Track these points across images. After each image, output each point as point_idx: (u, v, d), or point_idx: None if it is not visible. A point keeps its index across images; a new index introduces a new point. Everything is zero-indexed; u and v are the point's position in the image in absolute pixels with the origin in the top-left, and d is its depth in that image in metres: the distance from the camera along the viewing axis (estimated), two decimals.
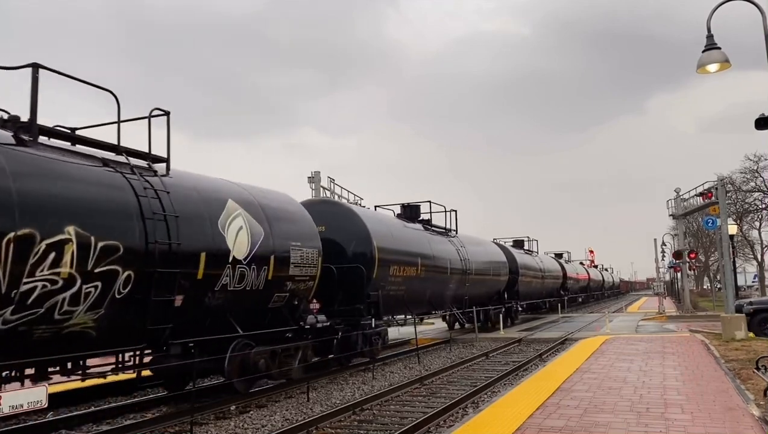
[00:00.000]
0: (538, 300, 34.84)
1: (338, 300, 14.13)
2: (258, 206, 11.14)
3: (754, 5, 10.39)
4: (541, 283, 34.22)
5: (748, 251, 57.40)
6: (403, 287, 16.09)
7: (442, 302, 19.98)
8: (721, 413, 7.61)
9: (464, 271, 20.56)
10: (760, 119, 11.26)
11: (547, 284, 36.09)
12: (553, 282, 38.42)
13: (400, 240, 16.43)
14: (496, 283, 25.17)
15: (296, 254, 11.59)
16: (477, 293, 22.60)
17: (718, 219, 27.09)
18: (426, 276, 17.41)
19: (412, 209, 19.61)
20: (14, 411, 6.08)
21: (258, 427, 8.95)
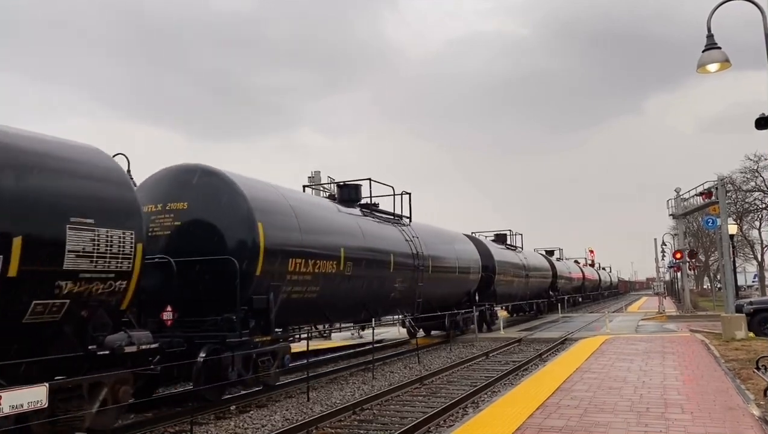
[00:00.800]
0: (521, 301, 31.50)
1: (202, 308, 10.20)
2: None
3: (754, 5, 10.39)
4: (524, 283, 30.65)
5: (748, 251, 57.39)
6: (315, 288, 12.13)
7: (384, 305, 16.15)
8: (722, 413, 7.61)
9: (416, 267, 16.94)
10: (761, 119, 11.26)
11: (532, 284, 32.51)
12: (541, 282, 34.91)
13: (312, 227, 12.39)
14: (464, 283, 21.66)
15: (81, 237, 7.28)
16: (436, 294, 19.12)
17: (718, 218, 27.07)
18: (355, 273, 13.57)
19: (350, 190, 16.03)
20: (14, 411, 6.08)
21: (258, 427, 8.95)
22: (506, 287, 27.29)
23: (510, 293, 28.49)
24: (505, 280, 26.80)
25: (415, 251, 16.98)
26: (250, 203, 10.52)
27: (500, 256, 26.51)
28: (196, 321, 10.14)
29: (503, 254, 27.73)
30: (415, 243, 17.17)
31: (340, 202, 15.48)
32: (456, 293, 21.24)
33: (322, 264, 12.29)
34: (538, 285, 34.09)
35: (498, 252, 26.67)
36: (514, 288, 28.86)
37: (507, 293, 27.85)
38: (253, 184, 11.38)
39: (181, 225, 10.54)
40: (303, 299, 11.92)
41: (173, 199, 10.69)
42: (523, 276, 30.19)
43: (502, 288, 26.57)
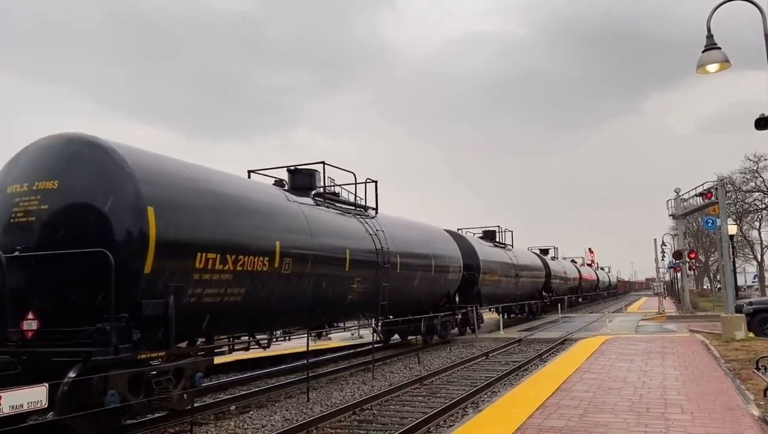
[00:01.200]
0: (511, 303, 29.41)
1: (75, 316, 7.82)
2: None
3: (754, 5, 10.40)
4: (514, 283, 28.49)
5: (748, 251, 57.47)
6: (238, 289, 9.62)
7: (340, 309, 13.74)
8: (721, 413, 7.61)
9: (381, 265, 14.54)
10: (760, 119, 11.27)
11: (524, 284, 30.40)
12: (533, 282, 32.75)
13: (238, 216, 9.91)
14: (442, 283, 19.18)
15: None
16: (407, 295, 16.78)
17: (718, 219, 27.11)
18: (297, 271, 11.14)
19: (303, 176, 13.82)
20: (14, 411, 6.07)
21: (258, 427, 8.95)
22: (493, 287, 25.09)
23: (497, 294, 26.33)
24: (491, 280, 24.56)
25: (380, 246, 14.64)
26: (139, 183, 8.17)
27: (486, 254, 24.33)
28: (68, 333, 7.71)
29: (489, 252, 25.54)
30: (380, 237, 14.86)
31: (292, 189, 13.27)
32: (432, 294, 18.86)
33: (247, 260, 9.76)
34: (530, 285, 31.94)
35: (483, 249, 24.56)
36: (501, 288, 26.58)
37: (494, 294, 25.66)
38: (149, 162, 8.90)
39: (50, 210, 8.14)
40: (221, 303, 9.39)
41: (42, 176, 8.30)
42: (512, 275, 27.97)
43: (488, 289, 24.43)
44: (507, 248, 29.55)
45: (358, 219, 14.76)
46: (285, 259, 10.79)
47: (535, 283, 33.13)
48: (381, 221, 15.82)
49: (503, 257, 27.44)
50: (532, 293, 32.98)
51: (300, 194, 12.95)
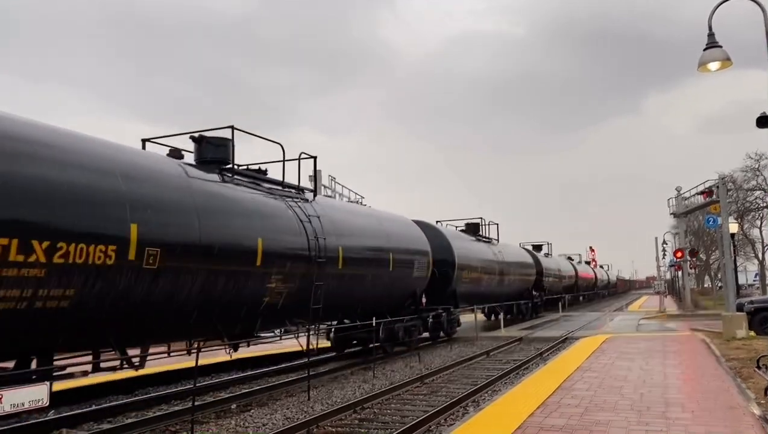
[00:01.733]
0: (495, 303, 26.85)
1: None
2: None
3: (755, 3, 10.39)
4: (498, 281, 25.70)
5: (749, 250, 57.33)
6: (61, 291, 7.05)
7: (253, 314, 10.77)
8: (722, 412, 7.61)
9: (313, 258, 11.77)
10: (762, 117, 11.27)
11: (511, 283, 27.75)
12: (522, 280, 29.95)
13: (59, 190, 7.12)
14: (406, 281, 16.44)
15: None
16: (355, 296, 14.05)
17: (719, 217, 27.05)
18: (172, 265, 8.52)
19: (213, 147, 11.09)
20: (15, 410, 6.08)
21: (259, 426, 8.96)
22: (472, 286, 22.26)
23: (478, 293, 23.37)
24: (469, 278, 21.76)
25: (314, 236, 11.87)
26: None
27: (464, 249, 21.65)
28: None
29: (469, 247, 22.80)
30: (315, 224, 12.07)
31: (199, 163, 10.84)
32: (391, 295, 15.91)
33: (75, 251, 7.10)
34: (518, 284, 29.26)
35: (461, 244, 21.88)
36: (483, 287, 23.69)
37: (473, 293, 22.69)
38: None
39: None
40: (28, 311, 6.77)
41: None
42: (496, 273, 25.22)
43: (466, 288, 21.62)
44: (492, 243, 26.80)
45: (285, 201, 11.83)
46: (148, 251, 8.03)
47: (524, 281, 30.44)
48: (319, 206, 12.99)
49: (486, 253, 24.63)
50: (521, 292, 30.39)
51: (207, 169, 10.53)
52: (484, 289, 24.15)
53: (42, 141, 7.33)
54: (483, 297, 24.68)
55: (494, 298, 26.22)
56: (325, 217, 12.82)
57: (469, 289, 22.12)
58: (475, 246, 23.97)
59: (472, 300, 23.14)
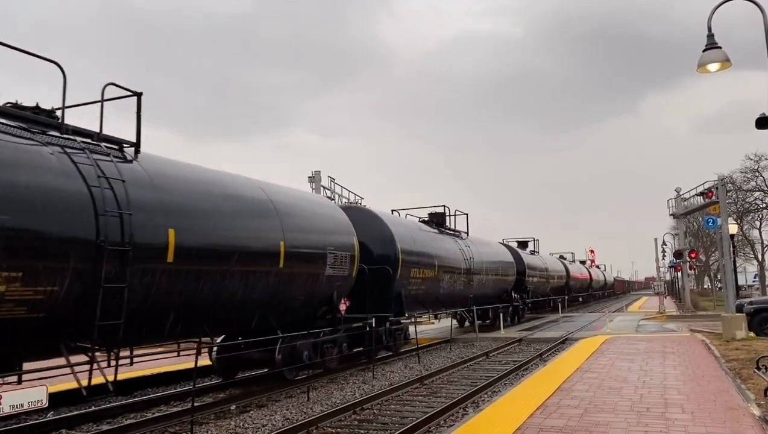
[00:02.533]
0: (461, 308, 22.75)
1: None
2: None
3: (754, 4, 10.39)
4: (465, 282, 21.39)
5: (749, 250, 57.43)
6: None
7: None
8: (722, 413, 7.61)
9: (104, 247, 7.50)
10: (761, 118, 11.27)
11: (484, 283, 23.63)
12: (499, 281, 25.82)
13: None
14: (310, 283, 12.16)
15: None
16: (195, 305, 9.27)
17: (718, 218, 27.09)
18: None
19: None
20: (14, 411, 6.07)
21: (258, 427, 8.95)
22: (426, 288, 18.19)
23: (435, 297, 19.21)
24: (421, 278, 17.69)
25: (110, 213, 7.66)
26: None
27: (412, 242, 17.36)
28: None
29: (422, 239, 18.48)
30: (119, 192, 7.89)
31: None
32: (285, 302, 11.59)
33: None
34: (493, 285, 25.13)
35: (409, 234, 17.59)
36: (443, 289, 19.53)
37: (428, 297, 18.72)
38: None
39: None
40: None
41: None
42: (461, 271, 20.97)
43: (417, 290, 17.56)
44: (460, 236, 22.64)
45: (64, 153, 7.56)
46: None
47: (501, 282, 26.31)
48: (140, 166, 8.71)
49: (449, 248, 20.38)
50: (499, 295, 26.29)
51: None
52: (445, 292, 19.77)
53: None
54: (443, 302, 20.21)
55: (461, 302, 21.78)
56: (143, 181, 8.51)
57: (421, 292, 17.94)
58: (432, 239, 19.55)
59: (427, 305, 19.15)
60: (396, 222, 17.68)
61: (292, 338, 11.95)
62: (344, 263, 13.42)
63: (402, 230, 17.34)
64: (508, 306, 27.14)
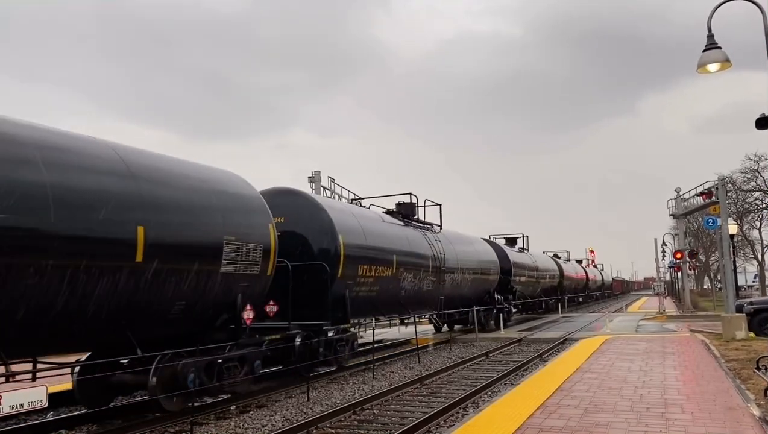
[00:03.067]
0: (431, 311, 19.54)
1: None
2: None
3: (754, 4, 10.39)
4: (434, 282, 18.39)
5: (749, 251, 57.44)
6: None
7: None
8: (722, 413, 7.61)
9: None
10: (761, 119, 11.26)
11: (459, 284, 20.78)
12: (478, 281, 22.95)
13: None
14: (190, 286, 9.08)
15: None
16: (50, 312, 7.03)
17: (718, 218, 27.09)
18: None
19: None
20: (14, 411, 6.07)
21: (258, 427, 8.95)
22: (381, 289, 15.16)
23: (394, 299, 16.22)
24: (372, 277, 14.59)
25: None
26: None
27: (356, 234, 14.11)
28: None
29: (373, 231, 15.18)
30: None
31: None
32: (153, 309, 8.63)
33: None
34: (471, 285, 22.11)
35: (354, 225, 14.37)
36: (404, 290, 16.55)
37: (385, 300, 15.65)
38: None
39: None
40: None
41: None
42: (429, 270, 17.95)
43: (367, 291, 14.58)
44: (432, 230, 19.96)
45: None
46: None
47: (481, 282, 23.40)
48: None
49: (414, 243, 17.49)
50: (479, 296, 23.42)
51: None
52: (408, 293, 16.78)
53: None
54: (406, 304, 17.15)
55: (430, 304, 18.86)
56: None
57: (375, 293, 14.97)
58: (392, 232, 16.53)
59: (383, 309, 16.11)
60: (340, 210, 14.67)
61: (174, 356, 9.00)
62: (253, 257, 10.23)
63: (348, 219, 14.31)
64: (490, 308, 24.38)
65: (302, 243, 13.24)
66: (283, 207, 13.03)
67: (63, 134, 8.02)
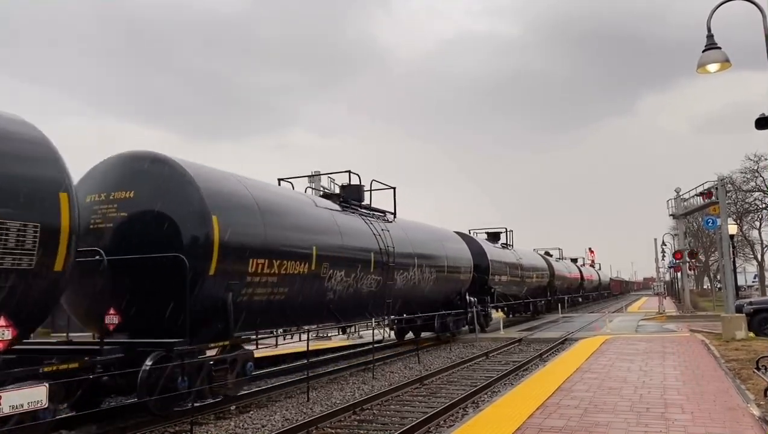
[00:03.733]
0: (370, 318, 15.10)
1: None
2: None
3: (754, 5, 10.39)
4: (380, 281, 14.88)
5: (749, 251, 57.46)
6: None
7: None
8: (722, 413, 7.61)
9: None
10: (761, 119, 11.26)
11: (416, 284, 17.10)
12: (444, 280, 19.14)
13: None
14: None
15: None
16: None
17: (718, 219, 27.09)
18: None
19: None
20: (14, 411, 6.07)
21: (258, 427, 8.95)
22: (291, 289, 11.31)
23: (321, 302, 12.67)
24: (274, 275, 10.75)
25: None
26: None
27: (249, 215, 10.49)
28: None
29: (283, 213, 11.77)
30: None
31: None
32: None
33: None
34: (432, 285, 18.30)
35: (243, 204, 10.53)
36: (336, 290, 12.94)
37: (299, 303, 11.75)
38: None
39: None
40: None
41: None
42: (370, 265, 14.28)
43: (267, 294, 10.74)
44: (385, 218, 16.74)
45: None
46: None
47: (449, 281, 19.74)
48: None
49: (351, 233, 13.86)
50: (446, 298, 19.91)
51: None
52: (339, 295, 13.07)
53: None
54: (337, 310, 13.25)
55: (373, 308, 15.08)
56: None
57: (281, 297, 11.13)
58: (315, 217, 12.78)
59: (296, 317, 11.86)
60: (220, 182, 10.32)
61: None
62: (18, 243, 6.67)
63: (234, 197, 10.33)
64: (461, 313, 20.80)
65: (160, 228, 9.28)
66: (135, 177, 9.66)
67: None
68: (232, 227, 9.85)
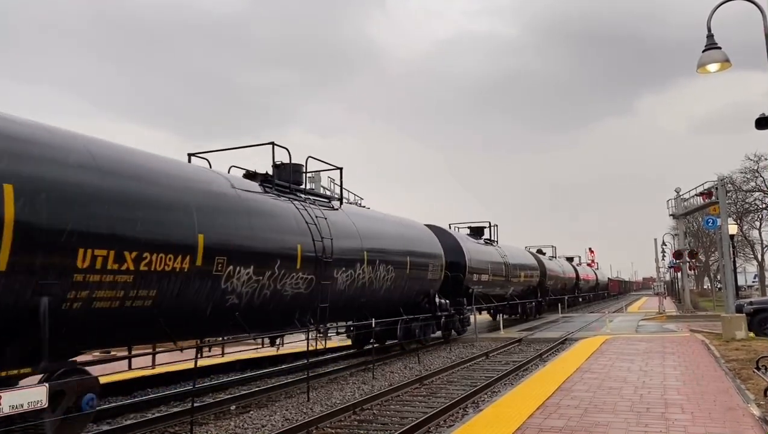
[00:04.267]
0: (295, 328, 11.94)
1: None
2: None
3: (754, 5, 10.39)
4: (311, 280, 11.82)
5: (749, 251, 57.49)
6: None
7: None
8: (722, 413, 7.61)
9: None
10: (761, 119, 11.27)
11: (366, 284, 14.24)
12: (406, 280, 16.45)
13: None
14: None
15: None
16: None
17: (718, 219, 27.13)
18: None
19: None
20: (14, 411, 6.06)
21: (258, 427, 8.95)
22: (165, 291, 8.37)
23: (218, 306, 9.43)
24: (120, 278, 7.70)
25: None
26: None
27: (65, 193, 7.00)
28: None
29: (121, 185, 7.86)
30: None
31: None
32: None
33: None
34: (390, 285, 15.59)
35: (68, 175, 7.13)
36: (243, 292, 9.93)
37: (187, 309, 8.89)
38: None
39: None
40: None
41: None
42: (291, 260, 11.27)
43: (107, 304, 7.63)
44: (329, 205, 14.17)
45: None
46: None
47: (413, 282, 17.04)
48: None
49: (267, 220, 10.94)
50: (410, 301, 17.33)
51: None
52: (245, 301, 10.09)
53: None
54: (248, 315, 10.24)
55: (301, 312, 11.98)
56: None
57: (149, 305, 8.34)
58: (203, 192, 9.50)
59: (177, 331, 9.03)
60: (25, 131, 7.06)
61: None
62: None
63: (43, 154, 7.02)
64: (429, 317, 18.12)
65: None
66: None
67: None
68: (44, 200, 6.73)
